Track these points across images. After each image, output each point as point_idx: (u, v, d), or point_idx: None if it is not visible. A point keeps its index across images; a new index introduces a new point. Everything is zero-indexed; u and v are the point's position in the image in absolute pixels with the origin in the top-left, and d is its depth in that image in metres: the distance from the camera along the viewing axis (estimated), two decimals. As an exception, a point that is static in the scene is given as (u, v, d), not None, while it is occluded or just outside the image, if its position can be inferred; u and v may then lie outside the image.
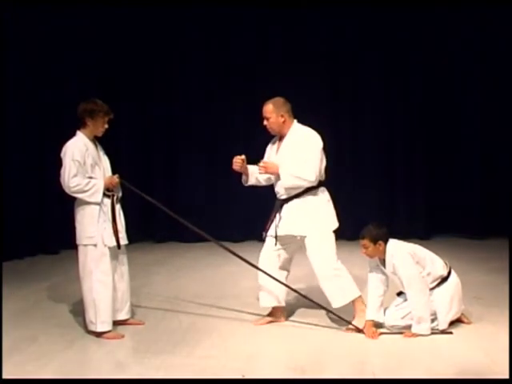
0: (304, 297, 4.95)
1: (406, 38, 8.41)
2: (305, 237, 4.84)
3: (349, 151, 8.68)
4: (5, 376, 3.95)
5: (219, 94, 8.63)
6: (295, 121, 4.99)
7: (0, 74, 7.48)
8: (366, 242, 4.65)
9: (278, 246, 4.94)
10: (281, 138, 5.00)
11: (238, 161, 4.96)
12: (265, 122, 4.96)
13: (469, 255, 7.37)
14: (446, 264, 4.81)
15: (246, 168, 5.04)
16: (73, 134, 4.81)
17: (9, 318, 5.14)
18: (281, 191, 4.93)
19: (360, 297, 4.86)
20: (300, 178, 4.79)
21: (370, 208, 8.43)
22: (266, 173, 4.94)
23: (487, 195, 8.48)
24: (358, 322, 4.76)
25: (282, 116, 4.90)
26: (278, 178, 4.92)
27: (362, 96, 8.57)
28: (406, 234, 7.15)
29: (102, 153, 4.90)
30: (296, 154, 4.84)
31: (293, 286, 4.98)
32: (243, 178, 5.15)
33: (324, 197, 4.95)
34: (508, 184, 8.24)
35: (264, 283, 4.97)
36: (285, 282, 4.98)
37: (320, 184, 4.92)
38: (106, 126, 4.82)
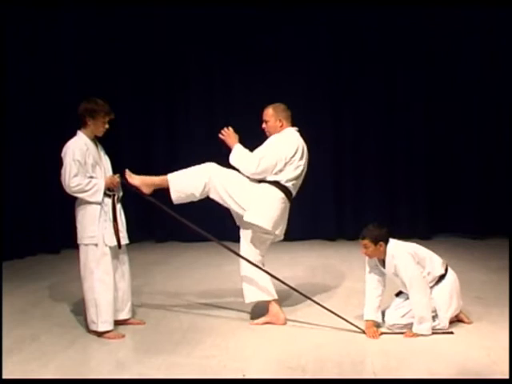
0: (305, 296, 4.97)
1: (407, 39, 8.45)
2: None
3: (349, 151, 8.68)
4: (6, 375, 3.95)
5: (220, 94, 8.63)
6: (293, 129, 5.01)
7: (0, 73, 7.48)
8: (366, 242, 4.65)
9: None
10: None
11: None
12: (263, 125, 5.03)
13: (469, 255, 7.39)
14: (443, 262, 4.81)
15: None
16: (73, 134, 4.81)
17: (9, 317, 5.15)
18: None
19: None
20: (241, 163, 4.87)
21: (371, 208, 8.44)
22: (225, 140, 4.99)
23: (487, 195, 8.49)
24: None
25: (280, 121, 4.97)
26: None
27: (363, 95, 8.57)
28: (407, 234, 7.16)
29: (102, 152, 4.90)
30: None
31: (293, 287, 4.98)
32: None
33: (269, 195, 4.82)
34: (508, 184, 8.25)
35: (248, 277, 4.96)
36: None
37: (280, 187, 4.82)
38: (107, 125, 4.82)
